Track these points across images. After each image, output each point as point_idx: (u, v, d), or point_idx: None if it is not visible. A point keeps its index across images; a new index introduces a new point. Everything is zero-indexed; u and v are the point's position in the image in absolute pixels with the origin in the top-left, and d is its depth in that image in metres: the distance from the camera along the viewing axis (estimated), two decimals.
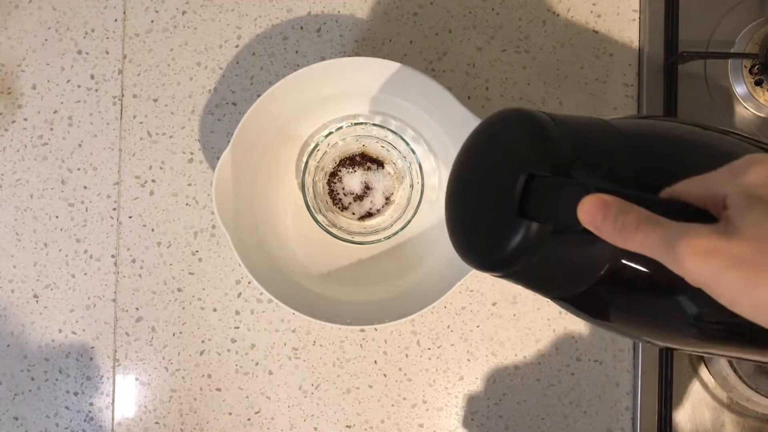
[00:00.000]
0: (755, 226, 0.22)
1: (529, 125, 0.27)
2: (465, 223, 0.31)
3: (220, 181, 0.45)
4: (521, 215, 0.26)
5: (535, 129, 0.27)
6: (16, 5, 0.54)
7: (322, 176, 0.51)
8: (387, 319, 0.46)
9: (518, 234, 0.26)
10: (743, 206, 0.23)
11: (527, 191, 0.26)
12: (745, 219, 0.23)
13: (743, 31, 0.52)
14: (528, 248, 0.26)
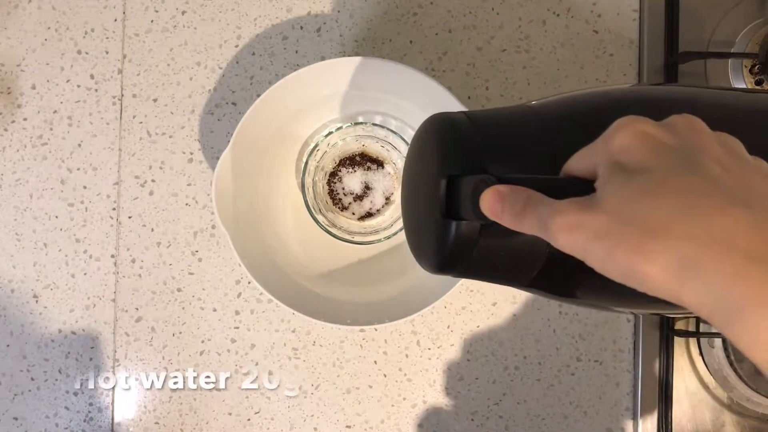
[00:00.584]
0: (612, 196, 0.22)
1: (443, 128, 0.28)
2: (411, 229, 0.33)
3: (220, 181, 0.45)
4: (449, 216, 0.26)
5: (447, 131, 0.28)
6: (16, 5, 0.54)
7: (322, 176, 0.51)
8: (387, 319, 0.46)
9: (449, 235, 0.26)
10: (606, 175, 0.23)
11: (449, 192, 0.27)
12: (605, 189, 0.23)
13: (743, 31, 0.52)
14: (461, 247, 0.26)
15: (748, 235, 0.19)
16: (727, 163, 0.22)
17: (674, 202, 0.20)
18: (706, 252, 0.19)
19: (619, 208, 0.21)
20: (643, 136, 0.23)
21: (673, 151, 0.22)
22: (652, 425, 0.51)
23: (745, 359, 0.50)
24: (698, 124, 0.23)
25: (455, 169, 0.27)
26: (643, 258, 0.20)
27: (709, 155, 0.22)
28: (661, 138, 0.23)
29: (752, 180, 0.22)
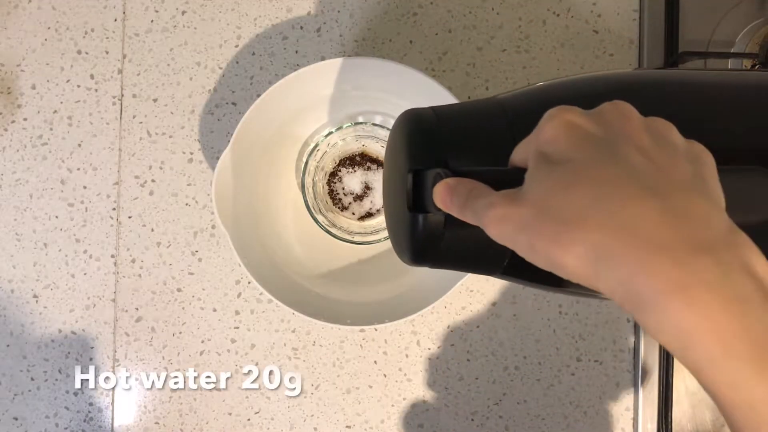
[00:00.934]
0: (534, 188, 0.22)
1: (410, 123, 0.29)
2: (389, 223, 0.33)
3: (220, 180, 0.45)
4: (415, 210, 0.27)
5: (414, 126, 0.29)
6: (16, 5, 0.54)
7: (322, 176, 0.51)
8: (387, 319, 0.46)
9: (417, 228, 0.27)
10: (532, 167, 0.23)
11: (415, 186, 0.27)
12: (529, 181, 0.23)
13: (743, 30, 0.52)
14: (430, 239, 0.27)
15: (655, 224, 0.19)
16: (651, 150, 0.22)
17: (589, 192, 0.21)
18: (615, 242, 0.19)
19: (540, 199, 0.22)
20: (568, 127, 0.23)
21: (595, 141, 0.22)
22: (652, 425, 0.51)
23: None
24: (627, 111, 0.23)
25: (420, 162, 0.27)
26: (560, 248, 0.20)
27: (632, 143, 0.22)
28: (585, 128, 0.23)
29: (674, 166, 0.21)
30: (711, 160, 0.22)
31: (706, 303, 0.18)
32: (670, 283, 0.18)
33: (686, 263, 0.19)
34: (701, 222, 0.20)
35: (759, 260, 0.20)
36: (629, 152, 0.22)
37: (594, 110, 0.24)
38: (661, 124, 0.23)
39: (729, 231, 0.20)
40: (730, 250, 0.19)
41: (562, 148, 0.23)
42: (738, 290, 0.18)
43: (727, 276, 0.19)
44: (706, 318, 0.18)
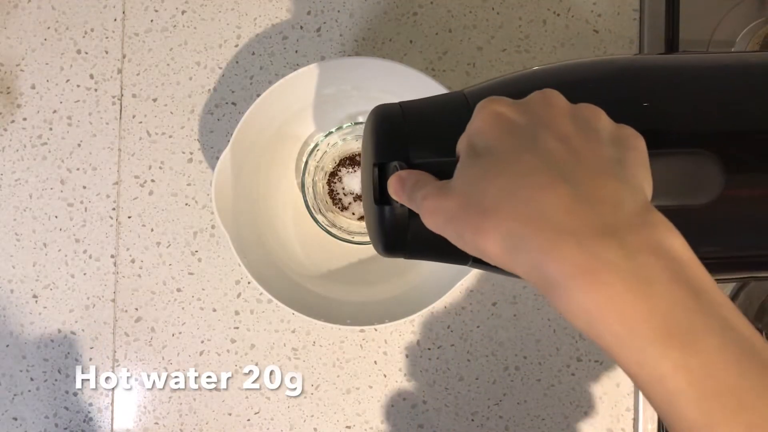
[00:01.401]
0: (460, 179, 0.23)
1: (376, 118, 0.30)
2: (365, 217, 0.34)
3: (220, 180, 0.45)
4: (380, 202, 0.28)
5: (378, 120, 0.29)
6: (16, 5, 0.54)
7: (322, 176, 0.51)
8: (387, 319, 0.46)
9: (383, 220, 0.28)
10: (461, 157, 0.24)
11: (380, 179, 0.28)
12: (457, 171, 0.24)
13: (744, 31, 0.52)
14: (396, 230, 0.28)
15: (564, 210, 0.20)
16: (571, 137, 0.22)
17: (505, 181, 0.21)
18: (526, 229, 0.20)
19: (463, 190, 0.23)
20: (494, 117, 0.23)
21: (517, 131, 0.23)
22: (652, 426, 0.51)
23: None
24: (553, 99, 0.24)
25: (384, 156, 0.28)
26: (481, 236, 0.21)
27: (552, 131, 0.22)
28: (510, 118, 0.23)
29: (592, 152, 0.22)
30: (639, 143, 0.23)
31: (610, 285, 0.19)
32: (575, 267, 0.19)
33: (591, 247, 0.19)
34: (610, 206, 0.20)
35: (673, 240, 0.20)
36: (548, 140, 0.22)
37: (522, 100, 0.24)
38: (587, 110, 0.24)
39: (640, 213, 0.20)
40: (639, 232, 0.20)
41: (486, 139, 0.23)
42: (642, 271, 0.19)
43: (631, 258, 0.19)
44: (611, 300, 0.19)
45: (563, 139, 0.22)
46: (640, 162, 0.22)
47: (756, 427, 0.18)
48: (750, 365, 0.19)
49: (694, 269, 0.20)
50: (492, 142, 0.23)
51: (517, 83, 0.30)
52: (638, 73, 0.28)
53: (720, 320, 0.19)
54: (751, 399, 0.18)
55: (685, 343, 0.19)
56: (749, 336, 0.19)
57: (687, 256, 0.20)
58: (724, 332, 0.19)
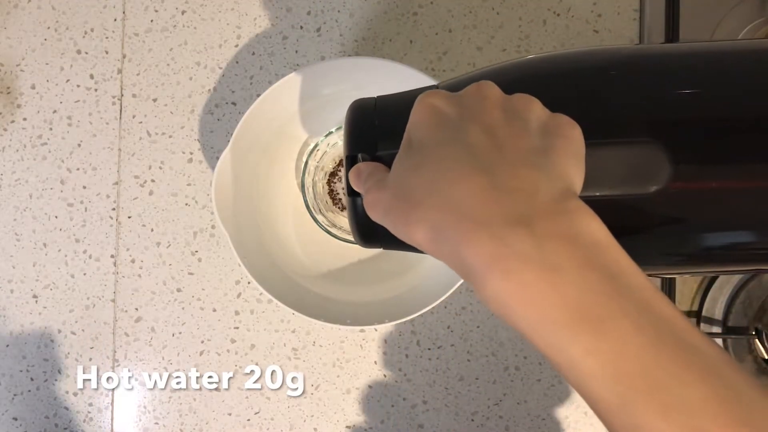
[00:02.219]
0: (394, 173, 0.24)
1: (350, 111, 0.30)
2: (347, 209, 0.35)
3: (220, 180, 0.45)
4: (351, 194, 0.29)
5: (351, 114, 0.30)
6: (15, 5, 0.54)
7: (322, 176, 0.51)
8: (387, 320, 0.46)
9: (356, 211, 0.29)
10: (399, 150, 0.25)
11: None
12: (394, 165, 0.25)
13: (743, 31, 0.52)
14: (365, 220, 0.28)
15: (479, 200, 0.21)
16: (497, 128, 0.23)
17: (430, 174, 0.22)
18: (446, 220, 0.21)
19: (397, 183, 0.23)
20: (428, 110, 0.24)
21: (448, 123, 0.23)
22: None
23: (746, 360, 0.50)
24: (486, 91, 0.24)
25: (355, 149, 0.29)
26: (410, 228, 0.22)
27: (480, 122, 0.23)
28: (443, 110, 0.24)
29: (515, 142, 0.22)
30: (572, 132, 0.23)
31: (521, 274, 0.19)
32: (488, 257, 0.20)
33: (502, 237, 0.20)
34: (524, 195, 0.21)
35: (590, 226, 0.20)
36: (473, 132, 0.23)
37: (458, 92, 0.25)
38: (519, 100, 0.24)
39: (556, 200, 0.21)
40: (551, 220, 0.20)
41: (419, 132, 0.24)
42: (551, 259, 0.19)
43: (540, 246, 0.20)
44: (522, 287, 0.19)
45: (489, 131, 0.22)
46: (569, 151, 0.22)
47: (670, 407, 0.18)
48: (665, 347, 0.19)
49: (612, 253, 0.20)
50: (423, 135, 0.24)
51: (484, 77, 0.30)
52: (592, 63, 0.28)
53: (636, 303, 0.19)
54: (666, 380, 0.18)
55: (596, 327, 0.19)
56: (669, 317, 0.20)
57: (605, 241, 0.20)
58: (639, 315, 0.19)
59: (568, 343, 0.19)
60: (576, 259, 0.20)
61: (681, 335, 0.19)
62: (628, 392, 0.19)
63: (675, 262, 0.30)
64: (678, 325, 0.20)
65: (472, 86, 0.25)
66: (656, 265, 0.30)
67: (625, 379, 0.19)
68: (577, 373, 0.19)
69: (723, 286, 0.50)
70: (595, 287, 0.19)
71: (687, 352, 0.19)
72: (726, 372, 0.19)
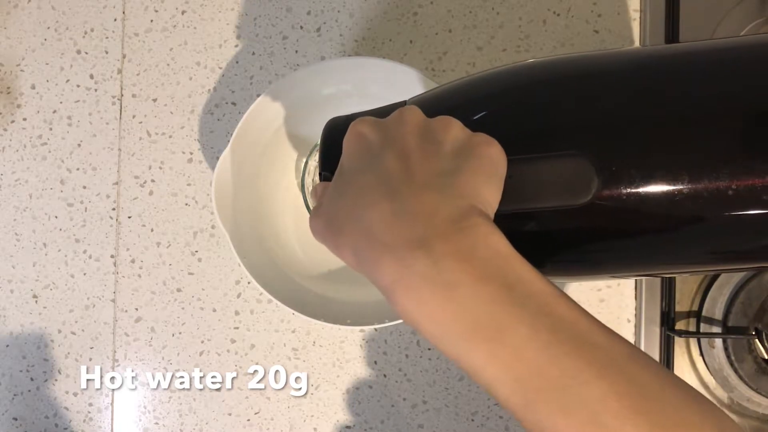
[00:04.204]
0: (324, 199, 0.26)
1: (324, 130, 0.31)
2: None
3: (220, 180, 0.45)
4: None
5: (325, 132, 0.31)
6: (15, 5, 0.54)
7: None
8: (387, 320, 0.46)
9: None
10: (333, 177, 0.26)
11: None
12: (327, 191, 0.26)
13: (743, 31, 0.52)
14: None
15: (386, 225, 0.22)
16: (411, 153, 0.24)
17: (349, 201, 0.24)
18: (361, 244, 0.23)
19: (326, 209, 0.25)
20: (356, 137, 0.25)
21: (369, 150, 0.25)
22: None
23: (746, 360, 0.50)
24: (407, 116, 0.25)
25: (325, 166, 0.30)
26: (339, 252, 0.24)
27: (395, 148, 0.24)
28: (368, 137, 0.25)
29: (425, 167, 0.23)
30: (487, 151, 0.24)
31: (419, 292, 0.21)
32: (392, 278, 0.21)
33: (403, 259, 0.21)
34: (424, 218, 0.22)
35: (486, 240, 0.21)
36: (388, 157, 0.24)
37: (384, 119, 0.26)
38: (437, 123, 0.25)
39: (454, 220, 0.22)
40: (448, 239, 0.21)
41: (347, 159, 0.25)
42: (447, 277, 0.21)
43: (437, 265, 0.21)
44: (422, 305, 0.21)
45: (403, 157, 0.24)
46: (479, 170, 0.23)
47: (570, 404, 0.20)
48: (563, 347, 0.20)
49: (511, 265, 0.21)
50: (349, 162, 0.25)
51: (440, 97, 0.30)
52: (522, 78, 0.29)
53: (533, 309, 0.21)
54: (563, 379, 0.20)
55: (493, 336, 0.20)
56: (569, 319, 0.21)
57: (504, 253, 0.22)
58: (535, 320, 0.20)
59: (469, 353, 0.21)
60: (472, 273, 0.21)
61: (581, 335, 0.20)
62: (528, 394, 0.20)
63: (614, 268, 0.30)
64: (578, 326, 0.21)
65: (396, 112, 0.26)
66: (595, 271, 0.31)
67: (524, 382, 0.20)
68: (482, 379, 0.21)
69: (723, 286, 0.50)
70: (492, 299, 0.20)
71: (585, 350, 0.20)
72: (628, 367, 0.20)
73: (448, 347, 0.21)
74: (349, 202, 0.24)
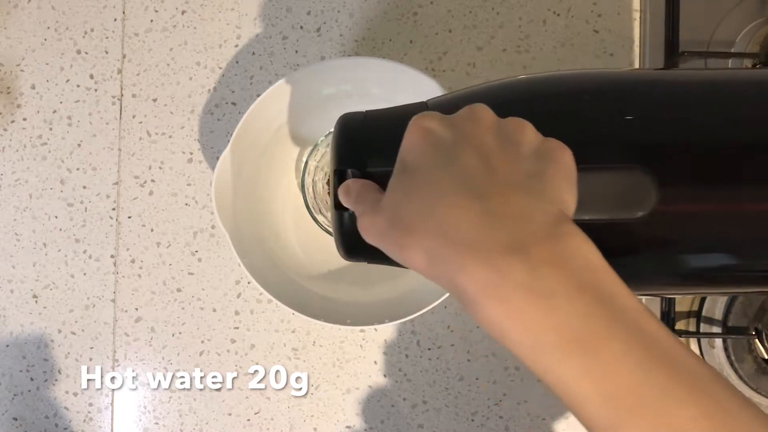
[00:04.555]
0: (388, 197, 0.24)
1: (339, 125, 0.30)
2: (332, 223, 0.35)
3: (220, 180, 0.45)
4: (338, 208, 0.28)
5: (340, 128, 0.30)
6: (15, 5, 0.54)
7: (322, 176, 0.51)
8: (387, 320, 0.46)
9: (341, 225, 0.29)
10: (393, 174, 0.25)
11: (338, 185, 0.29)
12: (388, 189, 0.24)
13: (744, 30, 0.52)
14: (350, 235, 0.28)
15: (473, 227, 0.21)
16: (490, 152, 0.23)
17: (424, 199, 0.22)
18: (440, 246, 0.21)
19: (390, 208, 0.23)
20: (423, 133, 0.24)
21: (441, 147, 0.23)
22: None
23: (746, 360, 0.50)
24: (480, 114, 0.24)
25: (343, 163, 0.28)
26: (405, 253, 0.22)
27: (473, 146, 0.23)
28: (437, 133, 0.24)
29: (508, 166, 0.22)
30: (563, 156, 0.23)
31: (514, 300, 0.20)
32: (483, 284, 0.20)
33: (496, 263, 0.20)
34: (518, 221, 0.21)
35: (582, 250, 0.21)
36: (467, 155, 0.23)
37: (451, 115, 0.25)
38: (512, 124, 0.24)
39: (550, 226, 0.21)
40: (544, 245, 0.20)
41: (413, 155, 0.24)
42: (543, 284, 0.20)
43: (533, 272, 0.20)
44: (516, 314, 0.20)
45: (482, 155, 0.23)
46: (561, 175, 0.23)
47: (660, 425, 0.19)
48: (655, 366, 0.19)
49: (603, 277, 0.21)
50: (417, 159, 0.23)
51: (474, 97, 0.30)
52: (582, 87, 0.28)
53: (626, 325, 0.20)
54: (655, 398, 0.19)
55: (587, 350, 0.19)
56: (659, 337, 0.20)
57: (596, 264, 0.21)
58: (629, 336, 0.20)
59: (561, 367, 0.20)
60: (568, 283, 0.20)
61: (671, 354, 0.20)
62: (618, 412, 0.19)
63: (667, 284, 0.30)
64: (667, 345, 0.20)
65: (465, 109, 0.25)
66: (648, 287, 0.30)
67: (615, 400, 0.19)
68: (571, 395, 0.20)
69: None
70: (587, 311, 0.20)
71: (676, 370, 0.19)
72: (714, 388, 0.20)
73: (537, 359, 0.20)
74: (422, 200, 0.22)
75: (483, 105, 0.25)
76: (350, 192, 0.26)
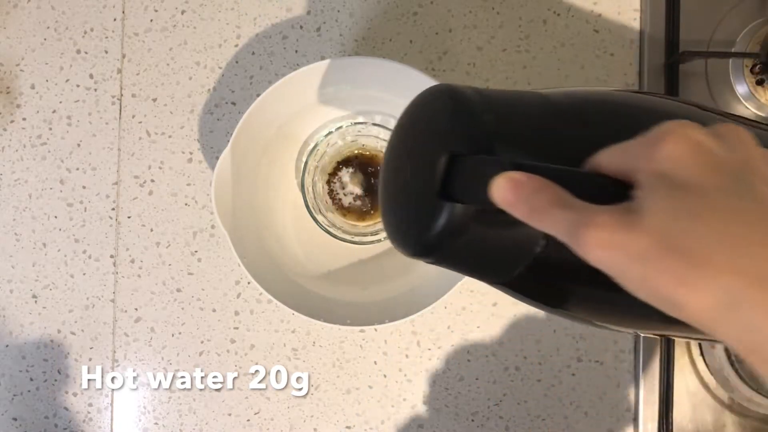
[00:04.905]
0: (656, 215, 0.20)
1: (450, 100, 0.26)
2: (391, 207, 0.30)
3: (220, 180, 0.45)
4: (444, 197, 0.24)
5: (455, 104, 0.25)
6: (15, 4, 0.54)
7: (321, 176, 0.51)
8: (387, 320, 0.46)
9: (441, 217, 0.24)
10: (649, 187, 0.21)
11: (449, 171, 0.24)
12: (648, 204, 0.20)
13: (744, 30, 0.52)
14: (452, 231, 0.24)
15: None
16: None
17: (720, 227, 0.19)
18: (752, 288, 0.18)
19: (661, 228, 0.19)
20: (695, 147, 0.21)
21: (724, 169, 0.20)
22: (653, 426, 0.51)
23: None
24: (746, 137, 0.22)
25: (459, 146, 0.24)
26: (685, 289, 0.19)
27: (759, 175, 0.20)
28: (714, 150, 0.21)
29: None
30: None
31: None
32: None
33: None
34: None
35: None
36: (758, 184, 0.20)
37: (713, 130, 0.22)
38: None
39: None
40: None
41: (688, 172, 0.20)
42: None
43: None
44: None
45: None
46: None
47: None
48: None
49: None
50: (698, 178, 0.20)
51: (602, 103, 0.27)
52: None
53: None
54: None
55: None
56: None
57: None
58: None
59: None
60: None
61: None
62: None
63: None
64: None
65: (725, 127, 0.22)
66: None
67: None
68: None
69: None
70: None
71: None
72: None
73: None
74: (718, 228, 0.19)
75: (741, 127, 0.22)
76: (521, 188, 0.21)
